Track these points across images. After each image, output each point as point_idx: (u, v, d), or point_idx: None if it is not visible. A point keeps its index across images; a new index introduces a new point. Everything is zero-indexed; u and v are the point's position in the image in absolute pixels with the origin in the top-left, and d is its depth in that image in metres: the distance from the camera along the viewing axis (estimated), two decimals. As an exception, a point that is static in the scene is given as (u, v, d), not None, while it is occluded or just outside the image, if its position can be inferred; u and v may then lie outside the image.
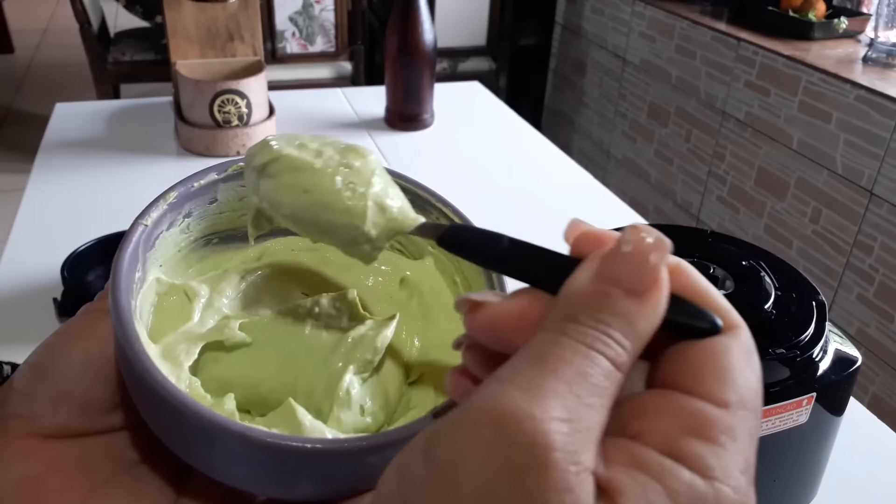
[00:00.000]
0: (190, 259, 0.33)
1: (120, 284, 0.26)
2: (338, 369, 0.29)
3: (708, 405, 0.19)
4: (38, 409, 0.27)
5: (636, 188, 2.28)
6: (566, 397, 0.17)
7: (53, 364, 0.27)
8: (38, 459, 0.26)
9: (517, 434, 0.17)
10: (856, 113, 1.52)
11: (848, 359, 0.52)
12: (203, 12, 1.08)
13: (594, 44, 2.42)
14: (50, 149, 1.10)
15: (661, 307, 0.20)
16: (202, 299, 0.31)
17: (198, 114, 1.06)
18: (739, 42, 1.81)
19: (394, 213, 0.28)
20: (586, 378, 0.18)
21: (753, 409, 0.19)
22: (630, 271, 0.19)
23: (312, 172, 0.27)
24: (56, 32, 4.12)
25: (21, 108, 3.21)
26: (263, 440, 0.23)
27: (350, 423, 0.29)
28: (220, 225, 0.33)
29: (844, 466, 0.60)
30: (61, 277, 0.74)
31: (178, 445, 0.26)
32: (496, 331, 0.22)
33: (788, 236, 1.72)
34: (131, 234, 0.28)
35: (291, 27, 2.29)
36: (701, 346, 0.20)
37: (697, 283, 0.21)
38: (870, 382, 1.55)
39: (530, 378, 0.18)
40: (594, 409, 0.18)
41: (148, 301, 0.30)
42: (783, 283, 0.55)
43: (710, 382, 0.19)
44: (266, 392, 0.30)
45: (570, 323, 0.19)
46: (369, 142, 1.17)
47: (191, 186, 0.31)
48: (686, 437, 0.18)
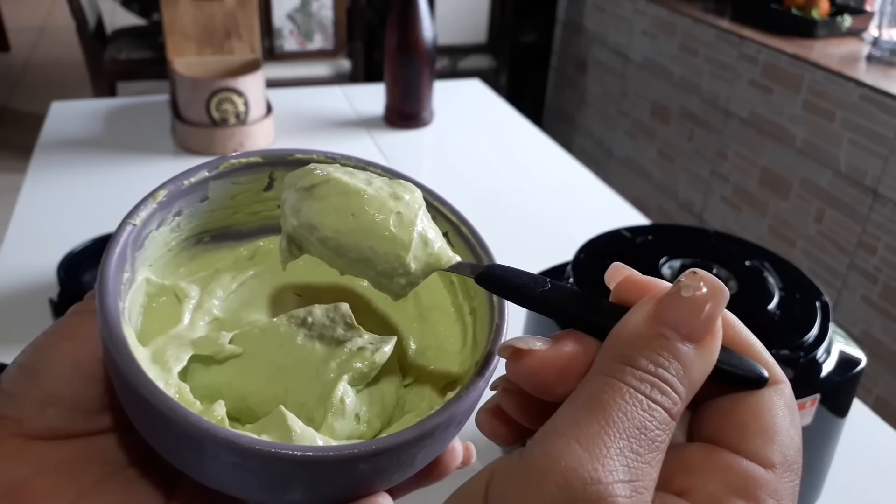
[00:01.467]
0: (180, 258, 0.32)
1: (107, 286, 0.26)
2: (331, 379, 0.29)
3: (754, 466, 0.19)
4: (25, 410, 0.27)
5: (638, 188, 2.27)
6: (627, 456, 0.18)
7: (41, 365, 0.27)
8: (24, 461, 0.26)
9: (582, 497, 0.17)
10: (860, 112, 1.51)
11: (852, 360, 0.52)
12: (200, 10, 1.08)
13: (596, 41, 2.42)
14: (46, 148, 1.09)
15: (715, 354, 0.20)
16: (192, 300, 0.31)
17: (195, 112, 1.05)
18: (742, 40, 1.80)
19: (435, 248, 0.28)
20: (645, 432, 0.18)
21: (797, 469, 0.20)
22: (688, 317, 0.20)
23: (362, 197, 0.27)
24: (52, 30, 4.12)
25: (17, 106, 3.21)
26: (252, 447, 0.23)
27: (345, 432, 0.28)
28: (212, 223, 0.33)
29: (848, 468, 0.59)
30: (57, 278, 0.74)
31: (167, 451, 0.26)
32: (539, 379, 0.22)
33: (792, 236, 1.71)
34: (119, 235, 0.28)
35: (289, 24, 2.29)
36: (747, 402, 0.20)
37: (743, 336, 0.22)
38: (874, 384, 1.54)
39: (591, 434, 0.18)
40: (652, 466, 0.18)
41: (137, 302, 0.29)
42: (787, 283, 0.54)
43: (757, 441, 0.19)
44: (255, 404, 0.29)
45: (626, 366, 0.19)
46: (368, 140, 1.16)
47: (181, 184, 0.30)
48: (733, 498, 0.18)
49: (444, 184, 1.07)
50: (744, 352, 0.21)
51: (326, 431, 0.28)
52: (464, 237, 0.32)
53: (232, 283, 0.32)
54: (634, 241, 0.60)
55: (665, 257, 0.57)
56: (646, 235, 0.61)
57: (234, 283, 0.33)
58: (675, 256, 0.57)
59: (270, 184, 0.33)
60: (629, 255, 0.58)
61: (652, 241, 0.60)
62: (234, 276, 0.33)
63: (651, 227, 0.64)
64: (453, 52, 2.59)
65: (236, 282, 0.33)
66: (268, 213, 0.33)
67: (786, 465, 0.19)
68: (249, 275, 0.33)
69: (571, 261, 0.59)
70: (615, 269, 0.23)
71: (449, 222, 0.33)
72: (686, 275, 0.20)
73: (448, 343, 0.32)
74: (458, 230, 0.33)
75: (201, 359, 0.30)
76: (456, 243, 0.32)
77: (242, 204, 0.33)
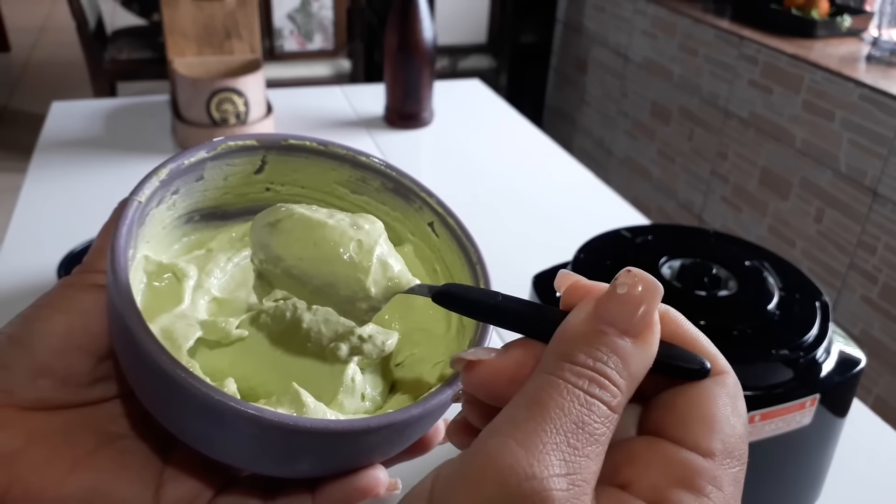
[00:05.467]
0: (172, 236, 0.33)
1: (119, 261, 0.26)
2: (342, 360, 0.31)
3: (694, 455, 0.19)
4: (16, 380, 0.26)
5: (638, 188, 2.27)
6: (564, 451, 0.18)
7: (32, 336, 0.27)
8: (17, 432, 0.26)
9: (518, 493, 0.17)
10: (859, 112, 1.51)
11: (851, 360, 0.52)
12: (200, 10, 1.08)
13: (596, 41, 2.42)
14: (46, 147, 1.09)
15: (654, 347, 0.21)
16: (191, 280, 0.31)
17: (195, 112, 1.06)
18: (742, 40, 1.80)
19: (395, 272, 0.29)
20: (583, 427, 0.19)
21: (739, 457, 0.20)
22: (625, 313, 0.20)
23: (323, 227, 0.29)
24: (53, 30, 4.11)
25: (17, 106, 3.21)
26: (275, 420, 0.24)
27: (353, 408, 0.30)
28: (203, 202, 0.33)
29: (848, 468, 0.59)
30: (57, 277, 0.74)
31: (177, 424, 0.26)
32: (491, 387, 0.22)
33: (792, 236, 1.71)
34: (127, 210, 0.28)
35: (290, 25, 2.29)
36: (688, 393, 0.21)
37: (686, 329, 0.22)
38: (873, 384, 1.54)
39: (529, 431, 0.18)
40: (591, 459, 0.18)
41: (137, 279, 0.30)
42: (786, 283, 0.54)
43: (697, 431, 0.20)
44: (257, 384, 0.30)
45: (566, 362, 0.20)
46: (368, 140, 1.16)
47: (181, 163, 0.31)
48: (674, 489, 0.19)
49: (444, 184, 1.07)
50: (686, 344, 0.22)
51: (336, 407, 0.29)
52: (449, 227, 0.34)
53: (227, 264, 0.33)
54: (634, 241, 0.60)
55: (665, 257, 0.57)
56: (645, 235, 0.61)
57: (230, 264, 0.33)
58: (675, 256, 0.57)
59: (261, 167, 0.33)
60: (629, 255, 0.59)
61: (652, 241, 0.60)
62: (229, 258, 0.34)
63: (651, 227, 0.64)
64: (453, 53, 2.59)
65: (231, 263, 0.33)
66: (255, 195, 0.34)
67: (726, 453, 0.20)
68: (243, 255, 0.34)
69: (571, 261, 0.59)
70: (563, 276, 0.23)
71: (435, 213, 0.34)
72: (621, 273, 0.21)
73: (434, 326, 0.34)
74: (444, 221, 0.34)
75: (206, 342, 0.30)
76: (441, 234, 0.34)
77: (232, 185, 0.34)
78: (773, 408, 0.47)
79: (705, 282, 0.54)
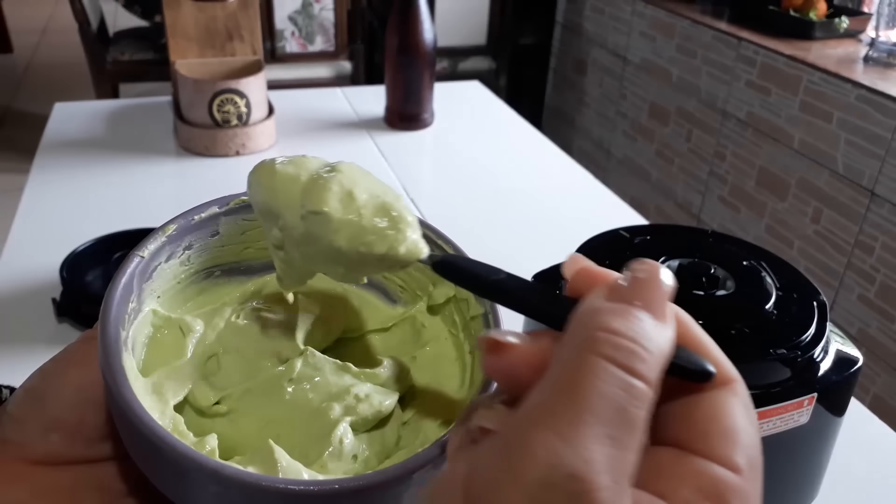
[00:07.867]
0: (189, 291, 0.33)
1: (110, 315, 0.26)
2: (332, 420, 0.29)
3: (724, 471, 0.19)
4: (29, 434, 0.27)
5: (637, 188, 2.28)
6: (605, 443, 0.17)
7: (47, 390, 0.27)
8: (23, 486, 0.26)
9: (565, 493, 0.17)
10: (857, 113, 1.51)
11: (849, 359, 0.52)
12: (202, 12, 1.08)
13: (595, 43, 2.42)
14: (49, 149, 1.10)
15: (674, 331, 0.20)
16: (196, 334, 0.31)
17: (197, 113, 1.06)
18: (740, 41, 1.80)
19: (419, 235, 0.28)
20: (623, 413, 0.18)
21: (758, 468, 0.20)
22: (648, 293, 0.20)
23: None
24: (55, 32, 4.11)
25: (20, 107, 3.21)
26: (236, 478, 0.24)
27: (339, 470, 0.29)
28: (223, 258, 0.34)
29: (845, 467, 0.59)
30: (60, 278, 0.74)
31: (157, 478, 0.26)
32: (514, 373, 0.21)
33: (789, 236, 1.72)
34: (126, 266, 0.28)
35: (291, 26, 2.29)
36: (705, 405, 0.20)
37: (696, 333, 0.22)
38: (871, 383, 1.55)
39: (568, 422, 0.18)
40: (631, 451, 0.18)
41: (143, 333, 0.30)
42: (784, 283, 0.55)
43: (722, 446, 0.20)
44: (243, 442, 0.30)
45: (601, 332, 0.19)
46: (369, 141, 1.17)
47: (191, 219, 0.31)
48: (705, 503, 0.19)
49: (444, 185, 1.08)
50: (694, 348, 0.21)
51: (317, 468, 0.28)
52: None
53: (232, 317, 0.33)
54: (633, 241, 0.61)
55: (663, 257, 0.57)
56: (644, 235, 0.62)
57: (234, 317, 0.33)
58: (674, 256, 0.57)
59: None
60: (627, 255, 0.59)
61: (650, 241, 0.61)
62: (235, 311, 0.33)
63: (649, 228, 0.64)
64: (453, 54, 2.59)
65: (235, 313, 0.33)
66: None
67: (750, 467, 0.20)
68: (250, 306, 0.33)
69: (571, 261, 0.59)
70: (573, 260, 0.23)
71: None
72: (634, 262, 0.21)
73: (447, 382, 0.32)
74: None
75: (194, 407, 0.30)
76: None
77: (252, 240, 0.33)
78: (770, 407, 0.48)
79: (703, 281, 0.54)
